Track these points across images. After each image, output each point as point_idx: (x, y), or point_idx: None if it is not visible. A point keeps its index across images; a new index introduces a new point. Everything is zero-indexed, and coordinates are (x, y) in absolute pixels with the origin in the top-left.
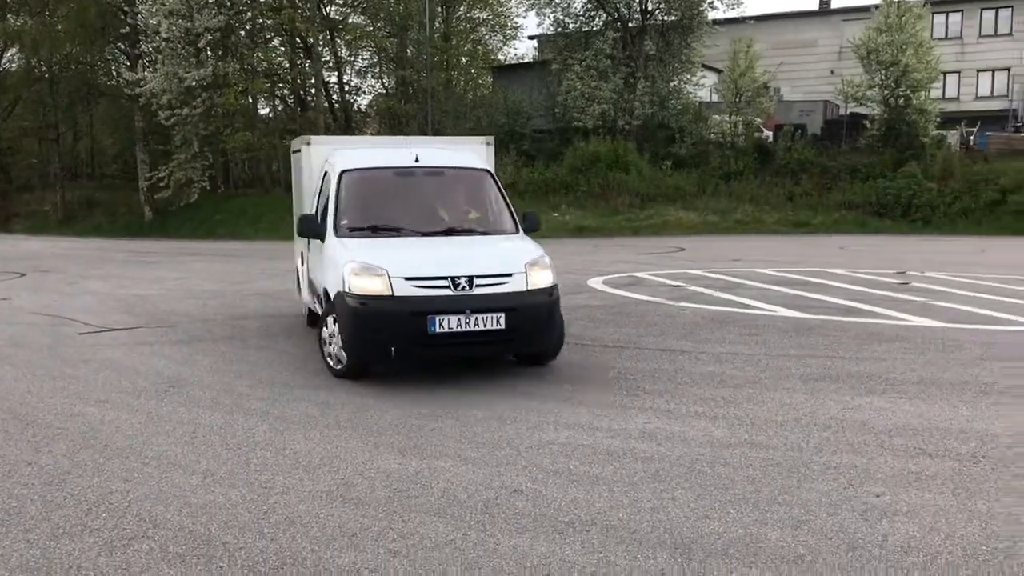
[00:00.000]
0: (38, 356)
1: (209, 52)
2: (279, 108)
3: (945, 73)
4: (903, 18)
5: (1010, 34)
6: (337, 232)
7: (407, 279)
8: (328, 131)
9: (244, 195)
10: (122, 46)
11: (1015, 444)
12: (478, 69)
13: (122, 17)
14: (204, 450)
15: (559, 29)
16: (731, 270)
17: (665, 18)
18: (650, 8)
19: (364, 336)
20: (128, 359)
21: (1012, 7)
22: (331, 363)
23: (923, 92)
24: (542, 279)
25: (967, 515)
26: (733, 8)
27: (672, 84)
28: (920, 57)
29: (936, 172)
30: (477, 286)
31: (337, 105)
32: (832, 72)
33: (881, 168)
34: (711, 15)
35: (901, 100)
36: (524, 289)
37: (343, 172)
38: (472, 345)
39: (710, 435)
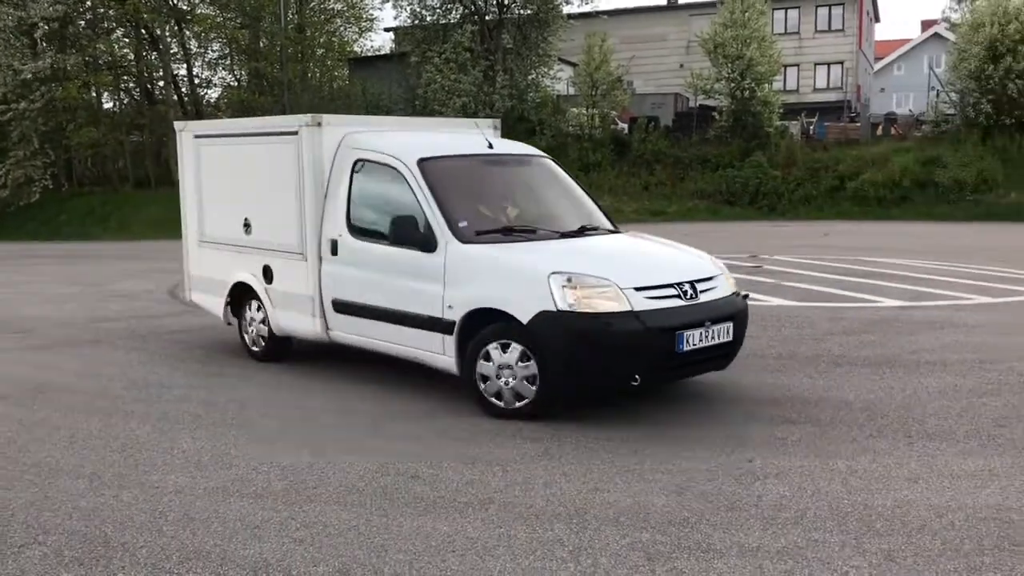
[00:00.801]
0: None
1: (46, 43)
2: (124, 102)
3: (786, 66)
4: (746, 14)
5: (842, 30)
6: (460, 237)
7: (637, 290)
8: None
9: (91, 193)
10: None
11: (866, 408)
12: (334, 61)
13: None
14: (86, 454)
15: (416, 21)
16: None
17: (521, 12)
18: (506, 2)
19: (604, 364)
20: None
21: (844, 4)
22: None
23: (766, 85)
24: (731, 281)
25: (829, 474)
26: (587, 3)
27: (530, 77)
28: (763, 51)
29: (780, 161)
30: (700, 292)
31: (187, 98)
32: (681, 66)
33: (730, 158)
34: (566, 9)
35: (746, 92)
36: (732, 293)
37: (422, 161)
38: (707, 362)
39: (597, 413)
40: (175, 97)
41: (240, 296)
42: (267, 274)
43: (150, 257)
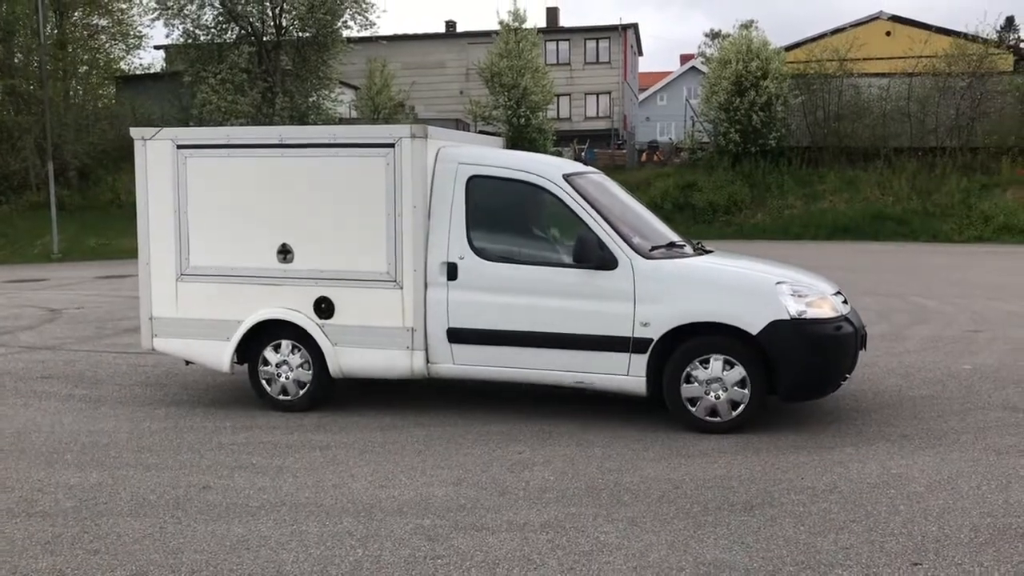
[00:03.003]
0: None
1: None
2: None
3: (558, 95)
4: (520, 44)
5: (609, 62)
6: (641, 253)
7: (833, 295)
8: None
9: None
10: None
11: (623, 401)
12: (99, 79)
13: None
14: None
15: (189, 40)
16: None
17: (300, 34)
18: (284, 24)
19: (833, 366)
20: None
21: (610, 38)
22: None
23: (541, 113)
24: None
25: (587, 459)
26: (366, 28)
27: (311, 99)
28: (537, 81)
29: None
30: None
31: None
32: (461, 92)
33: None
34: (345, 33)
35: (523, 120)
36: None
37: (569, 176)
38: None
39: (381, 421)
40: None
41: (254, 338)
42: (323, 307)
43: None
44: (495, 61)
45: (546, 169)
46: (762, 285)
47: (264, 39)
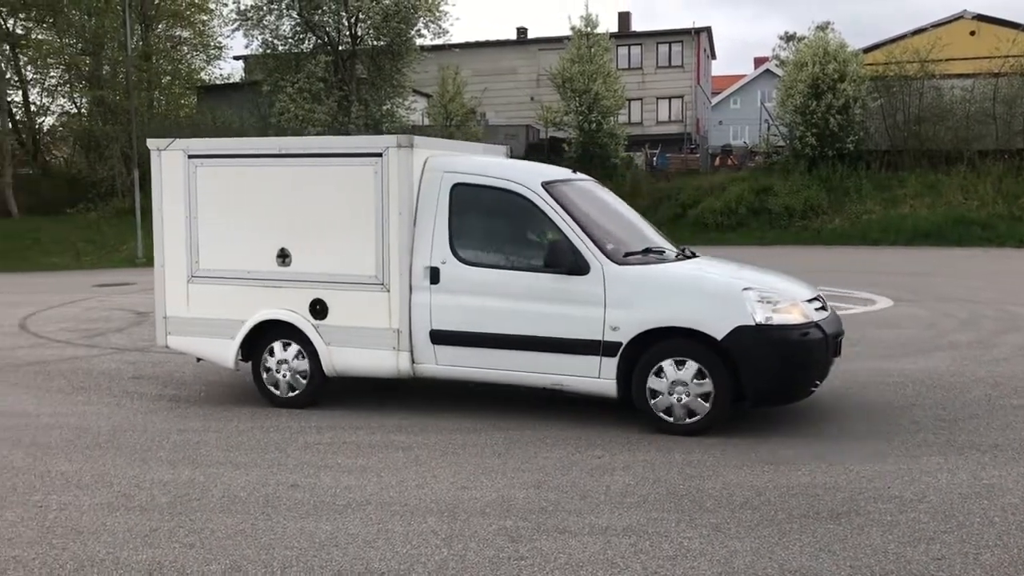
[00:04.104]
0: None
1: None
2: None
3: (630, 100)
4: (592, 49)
5: (681, 66)
6: (614, 259)
7: (807, 302)
8: (15, 156)
9: None
10: None
11: None
12: (181, 89)
13: None
14: None
15: (268, 50)
16: None
17: (375, 43)
18: (359, 33)
19: (801, 373)
20: None
21: (683, 42)
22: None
23: (612, 118)
24: None
25: (667, 464)
26: (439, 36)
27: (385, 108)
28: (608, 86)
29: (627, 190)
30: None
31: (23, 126)
32: (532, 98)
33: None
34: (419, 42)
35: (594, 125)
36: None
37: (547, 184)
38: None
39: (460, 424)
40: (10, 124)
41: (256, 337)
42: (318, 308)
43: None
44: (566, 66)
45: (525, 177)
46: (728, 291)
47: (340, 48)
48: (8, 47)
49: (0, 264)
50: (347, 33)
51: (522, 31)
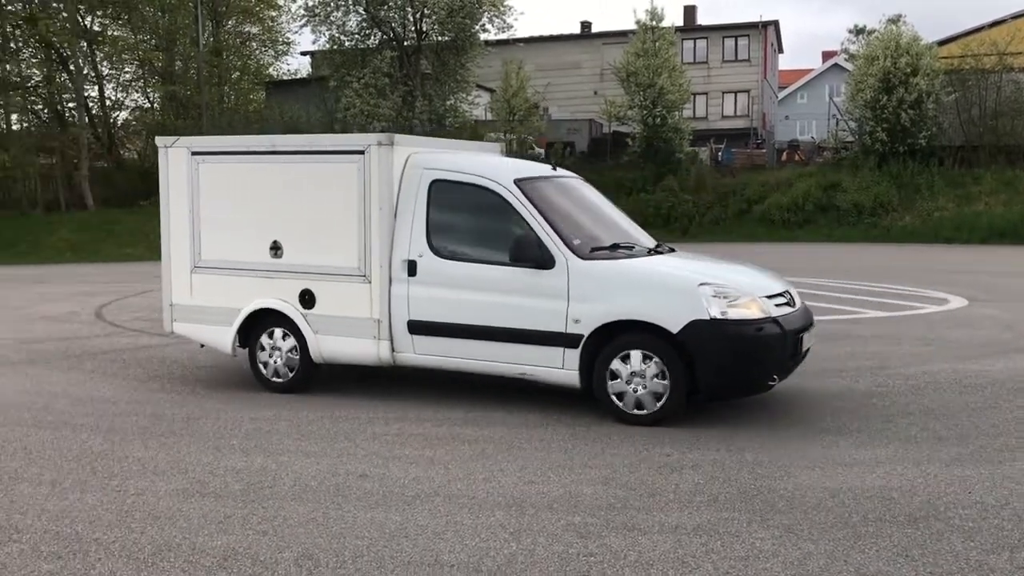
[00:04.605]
0: None
1: None
2: (32, 124)
3: (695, 94)
4: (657, 43)
5: (748, 60)
6: (578, 253)
7: (768, 298)
8: (91, 149)
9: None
10: None
11: (770, 409)
12: (250, 84)
13: None
14: (43, 463)
15: (335, 46)
16: None
17: (439, 38)
18: (424, 28)
19: (754, 367)
20: None
21: (749, 36)
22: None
23: (677, 112)
24: None
25: (737, 464)
26: (503, 31)
27: (449, 103)
28: (673, 80)
29: (691, 185)
30: (795, 301)
31: (98, 120)
32: (595, 93)
33: (643, 182)
34: (483, 36)
35: (658, 119)
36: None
37: (520, 181)
38: (798, 364)
39: (526, 419)
40: (86, 119)
41: (252, 325)
42: (307, 298)
43: (65, 281)
44: (631, 60)
45: (498, 173)
46: (684, 286)
47: (405, 44)
48: (86, 44)
49: (77, 254)
50: (412, 28)
51: (586, 25)
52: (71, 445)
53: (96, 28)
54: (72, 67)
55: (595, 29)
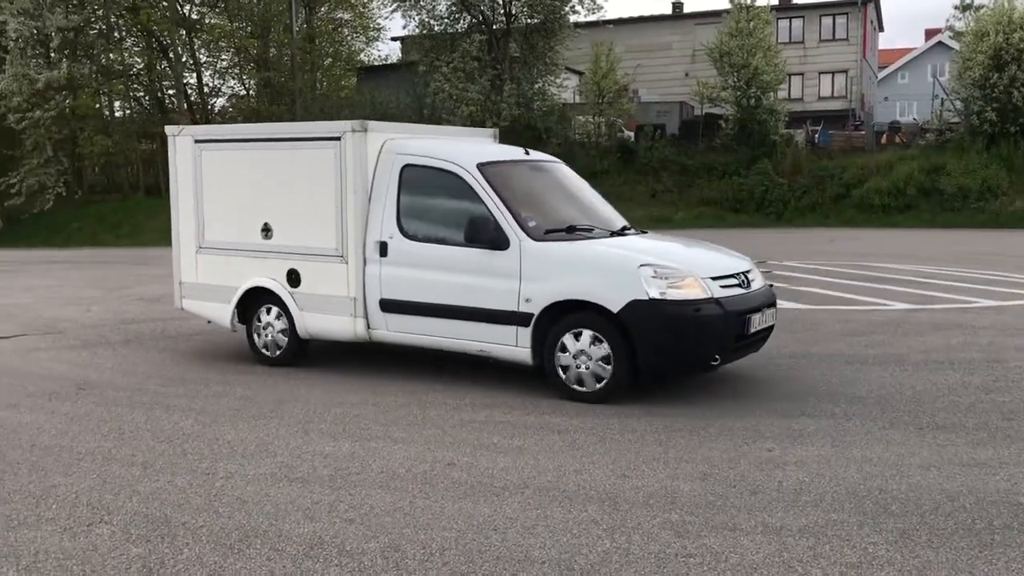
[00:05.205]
0: None
1: (60, 53)
2: (134, 110)
3: (791, 75)
4: (751, 23)
5: (846, 39)
6: (532, 235)
7: (713, 279)
8: None
9: (102, 201)
10: None
11: (879, 403)
12: (342, 70)
13: None
14: (136, 444)
15: (424, 31)
16: None
17: (528, 21)
18: (514, 11)
19: (692, 347)
20: (26, 365)
21: (848, 14)
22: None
23: (772, 93)
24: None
25: (845, 462)
26: (593, 12)
27: (537, 86)
28: (768, 60)
29: (786, 169)
30: (751, 281)
31: (196, 107)
32: (687, 74)
33: (736, 165)
34: (572, 19)
35: (752, 101)
36: (767, 284)
37: (482, 166)
38: (757, 343)
39: (618, 408)
40: (185, 106)
41: (249, 302)
42: (293, 277)
43: (164, 263)
44: (724, 41)
45: (462, 158)
46: (625, 267)
47: (494, 27)
48: (184, 32)
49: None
50: (501, 11)
51: (677, 5)
52: (163, 426)
53: (194, 16)
54: (172, 55)
55: (687, 9)
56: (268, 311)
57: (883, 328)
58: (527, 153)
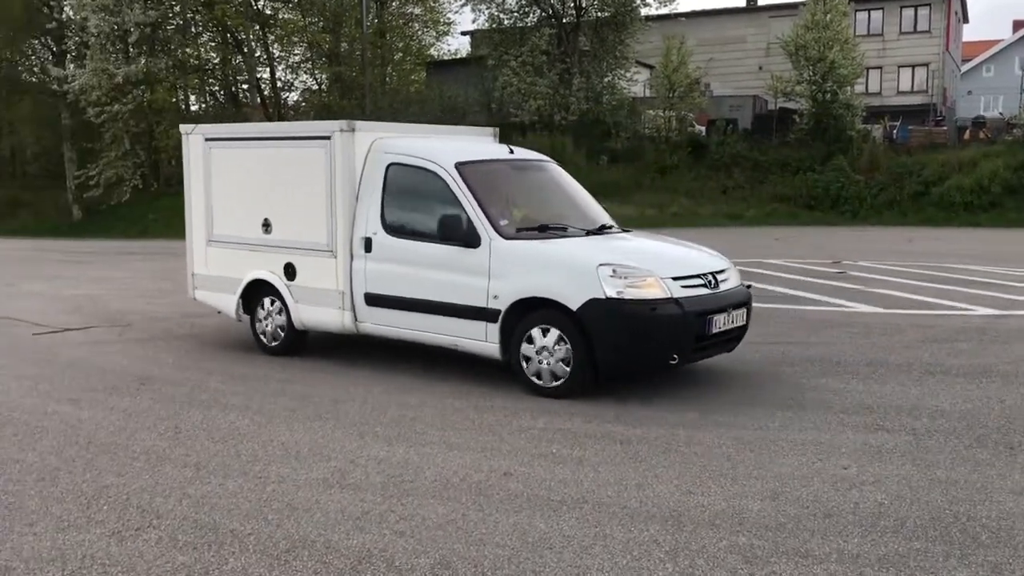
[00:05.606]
0: None
1: (138, 48)
2: (209, 104)
3: (868, 69)
4: (828, 15)
5: (928, 31)
6: (503, 234)
7: (674, 279)
8: None
9: (177, 193)
10: (46, 40)
11: (964, 418)
12: (412, 65)
13: (47, 12)
14: (191, 444)
15: (494, 25)
16: None
17: (599, 14)
18: (584, 4)
19: (648, 345)
20: (92, 358)
21: (930, 5)
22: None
23: (848, 87)
24: (738, 273)
25: (929, 482)
26: (665, 5)
27: (606, 80)
28: (845, 53)
29: (862, 165)
30: (720, 282)
31: (270, 101)
32: (760, 68)
33: (810, 161)
34: (644, 12)
35: (828, 95)
36: (741, 283)
37: (460, 165)
38: (726, 343)
39: (683, 417)
40: (258, 100)
41: (253, 293)
42: (289, 271)
43: None
44: (800, 33)
45: (441, 157)
46: (584, 265)
47: (564, 21)
48: (258, 27)
49: None
50: (571, 5)
51: None
52: (219, 425)
53: (268, 11)
54: (245, 50)
55: (761, 2)
56: (272, 302)
57: (967, 335)
58: (511, 152)
